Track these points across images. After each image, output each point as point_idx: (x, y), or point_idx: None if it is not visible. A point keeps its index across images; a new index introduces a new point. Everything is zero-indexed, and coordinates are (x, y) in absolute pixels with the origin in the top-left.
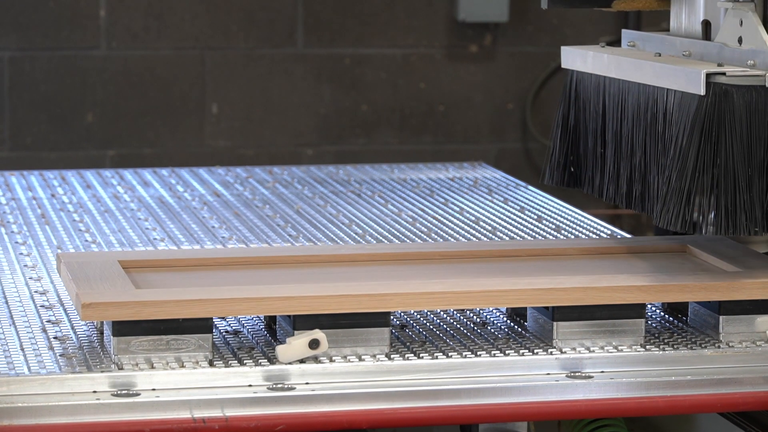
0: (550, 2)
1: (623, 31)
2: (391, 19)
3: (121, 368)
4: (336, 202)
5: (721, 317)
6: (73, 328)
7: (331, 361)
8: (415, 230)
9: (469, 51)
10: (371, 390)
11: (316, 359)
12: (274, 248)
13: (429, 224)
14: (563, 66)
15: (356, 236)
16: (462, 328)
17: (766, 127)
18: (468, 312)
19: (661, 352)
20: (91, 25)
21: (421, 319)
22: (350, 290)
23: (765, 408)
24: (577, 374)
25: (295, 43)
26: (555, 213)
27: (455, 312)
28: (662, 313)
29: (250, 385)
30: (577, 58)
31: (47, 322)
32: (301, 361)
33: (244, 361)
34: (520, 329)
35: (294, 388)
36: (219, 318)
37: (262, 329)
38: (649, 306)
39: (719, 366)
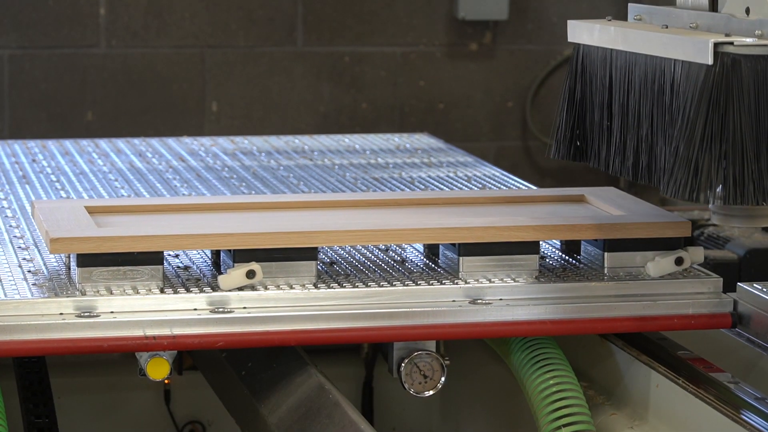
0: None
1: (630, 5)
2: (390, 17)
3: (84, 294)
4: (288, 166)
5: (606, 254)
6: (45, 264)
7: (266, 289)
8: (354, 187)
9: (469, 49)
10: (299, 314)
11: (252, 287)
12: (219, 197)
13: (368, 183)
14: (569, 39)
15: (301, 192)
16: (383, 264)
17: None
18: (390, 252)
19: (552, 284)
20: (90, 23)
21: (348, 257)
22: (282, 228)
23: (638, 330)
24: (478, 301)
25: (295, 41)
26: (487, 176)
27: (379, 252)
28: (560, 253)
29: (195, 309)
30: (584, 32)
31: (23, 259)
32: (240, 289)
33: (191, 289)
34: (433, 265)
35: (233, 312)
36: (173, 255)
37: (209, 265)
38: (548, 246)
39: (601, 295)
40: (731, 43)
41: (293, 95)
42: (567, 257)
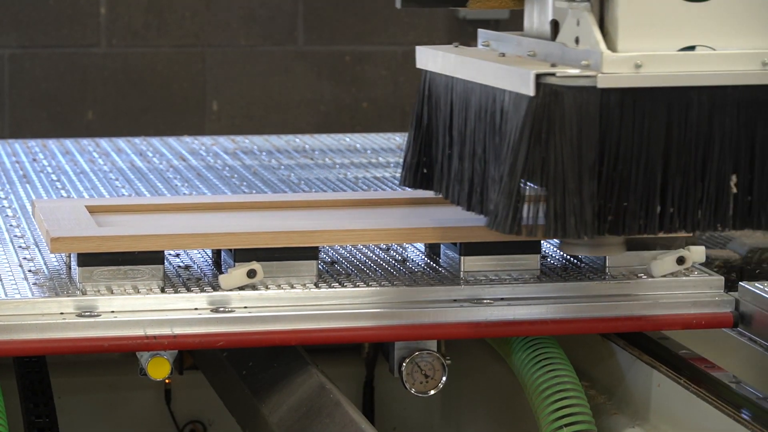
0: (404, 1)
1: (479, 30)
2: (391, 16)
3: (84, 294)
4: (289, 165)
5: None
6: (45, 263)
7: (267, 288)
8: (356, 187)
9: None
10: (300, 313)
11: (253, 287)
12: (220, 196)
13: (369, 182)
14: (417, 66)
15: (302, 191)
16: (384, 264)
17: (596, 129)
18: (391, 251)
19: (553, 283)
20: (91, 23)
21: (349, 256)
22: (283, 228)
23: (639, 330)
24: (479, 301)
25: (296, 40)
26: None
27: (380, 251)
28: (561, 253)
29: (195, 308)
30: (429, 58)
31: (23, 258)
32: (241, 288)
33: (192, 289)
34: (434, 264)
35: (233, 311)
36: (174, 254)
37: (210, 265)
38: (550, 246)
39: (602, 294)
40: (554, 74)
41: (294, 94)
42: (568, 257)
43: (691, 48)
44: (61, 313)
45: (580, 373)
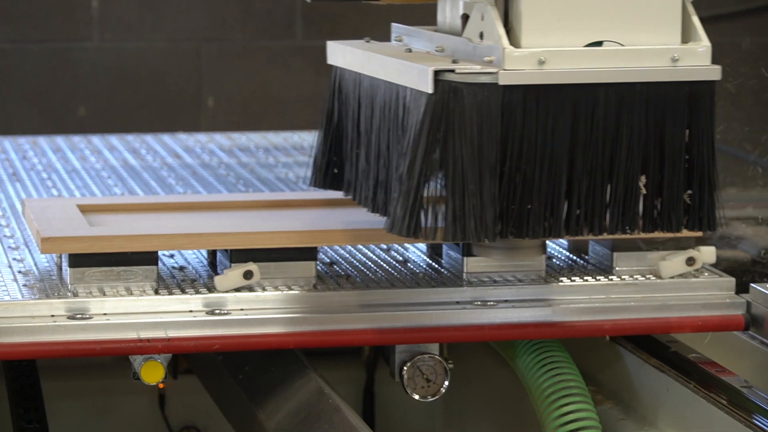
0: None
1: (393, 25)
2: (391, 10)
3: (76, 295)
4: (287, 163)
5: (614, 254)
6: (35, 264)
7: (263, 290)
8: None
9: None
10: (298, 316)
11: (250, 288)
12: (216, 195)
13: None
14: (328, 62)
15: (300, 190)
16: (385, 265)
17: (498, 128)
18: (392, 252)
19: (558, 285)
20: (83, 17)
21: (349, 257)
22: (281, 227)
23: (647, 332)
24: (482, 303)
25: (294, 34)
26: None
27: (380, 251)
28: (567, 253)
29: (190, 311)
30: (338, 54)
31: (13, 259)
32: (237, 290)
33: (186, 290)
34: (436, 265)
35: (229, 313)
36: (168, 255)
37: (205, 266)
38: (555, 246)
39: (609, 296)
40: (453, 71)
41: (292, 90)
42: (574, 257)
43: (599, 44)
44: (52, 316)
45: (587, 377)
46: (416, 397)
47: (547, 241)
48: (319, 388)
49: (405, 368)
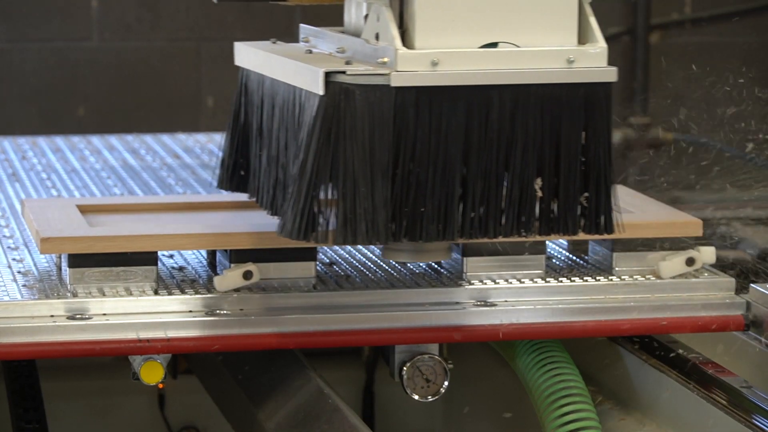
0: None
1: (301, 26)
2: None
3: (75, 296)
4: None
5: (614, 254)
6: (35, 264)
7: (263, 290)
8: None
9: None
10: (298, 316)
11: (249, 289)
12: (215, 195)
13: None
14: (236, 63)
15: None
16: (385, 265)
17: (390, 130)
18: None
19: (557, 284)
20: (82, 16)
21: (348, 257)
22: None
23: (647, 333)
24: (482, 303)
25: (294, 34)
26: None
27: (380, 251)
28: (567, 253)
29: (190, 311)
30: (244, 55)
31: (12, 259)
32: (236, 290)
33: (186, 291)
34: (436, 265)
35: (229, 313)
36: (167, 255)
37: (204, 266)
38: (555, 246)
39: (609, 296)
40: (344, 72)
41: None
42: (574, 257)
43: (494, 45)
44: (52, 316)
45: (587, 377)
46: (416, 397)
47: (547, 242)
48: (319, 388)
49: (405, 368)
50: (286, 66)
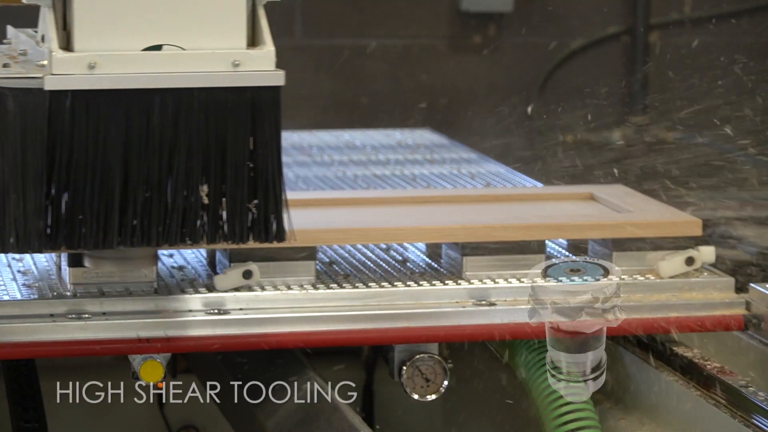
0: None
1: (8, 27)
2: (391, 9)
3: (75, 295)
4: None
5: (613, 253)
6: (35, 264)
7: (263, 289)
8: (355, 185)
9: (473, 42)
10: (297, 315)
11: (249, 288)
12: None
13: (369, 180)
14: None
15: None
16: (384, 264)
17: (44, 135)
18: (391, 251)
19: (558, 284)
20: None
21: (348, 257)
22: None
23: (647, 332)
24: (482, 302)
25: (294, 33)
26: (492, 173)
27: (380, 251)
28: (566, 253)
29: (189, 310)
30: None
31: (12, 259)
32: (236, 290)
33: (185, 290)
34: (435, 264)
35: (229, 313)
36: (167, 254)
37: (204, 265)
38: (555, 246)
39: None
40: None
41: (291, 89)
42: (574, 256)
43: (158, 48)
44: (51, 315)
45: None
46: (415, 396)
47: (547, 241)
48: (319, 387)
49: (404, 368)
50: None
